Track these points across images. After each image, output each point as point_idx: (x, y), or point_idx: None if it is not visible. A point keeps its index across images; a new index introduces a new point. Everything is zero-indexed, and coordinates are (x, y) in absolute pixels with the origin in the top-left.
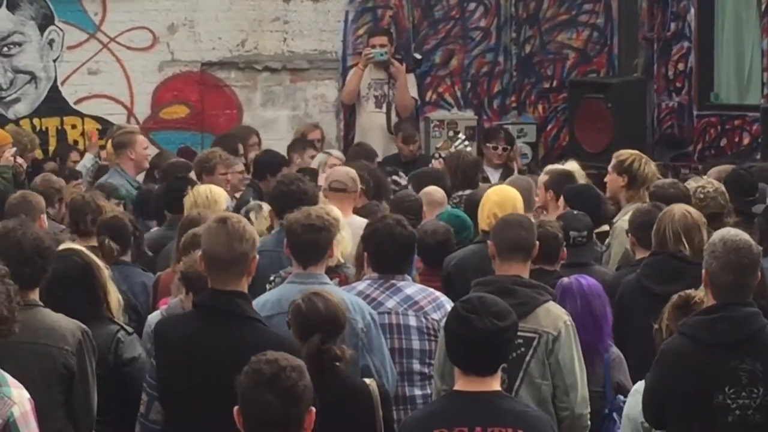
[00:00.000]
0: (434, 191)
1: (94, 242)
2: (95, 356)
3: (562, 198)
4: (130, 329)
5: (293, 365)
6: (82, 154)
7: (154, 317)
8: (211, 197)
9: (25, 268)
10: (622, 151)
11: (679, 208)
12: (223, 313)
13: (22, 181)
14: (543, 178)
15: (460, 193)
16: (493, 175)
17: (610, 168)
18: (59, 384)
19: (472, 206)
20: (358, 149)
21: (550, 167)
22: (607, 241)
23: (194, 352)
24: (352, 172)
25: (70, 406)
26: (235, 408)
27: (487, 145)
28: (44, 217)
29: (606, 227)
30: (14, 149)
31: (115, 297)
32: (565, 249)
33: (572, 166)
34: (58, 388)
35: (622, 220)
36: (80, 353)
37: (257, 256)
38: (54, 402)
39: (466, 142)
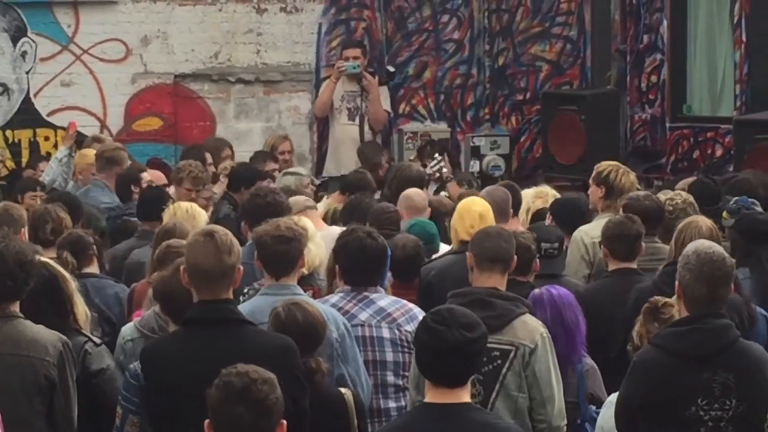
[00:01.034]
0: (415, 195)
1: (54, 253)
2: (76, 368)
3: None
4: (97, 340)
5: (264, 378)
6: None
7: (127, 329)
8: (190, 213)
9: (7, 280)
10: (602, 163)
11: (704, 221)
12: (218, 321)
13: None
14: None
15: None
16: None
17: (590, 179)
18: (40, 395)
19: (373, 221)
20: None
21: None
22: None
23: (193, 368)
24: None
25: (51, 417)
26: (206, 421)
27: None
28: (25, 230)
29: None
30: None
31: (82, 309)
32: (537, 260)
33: (544, 189)
34: (40, 400)
35: (579, 230)
36: (61, 365)
37: (242, 267)
38: (35, 413)
39: (442, 164)
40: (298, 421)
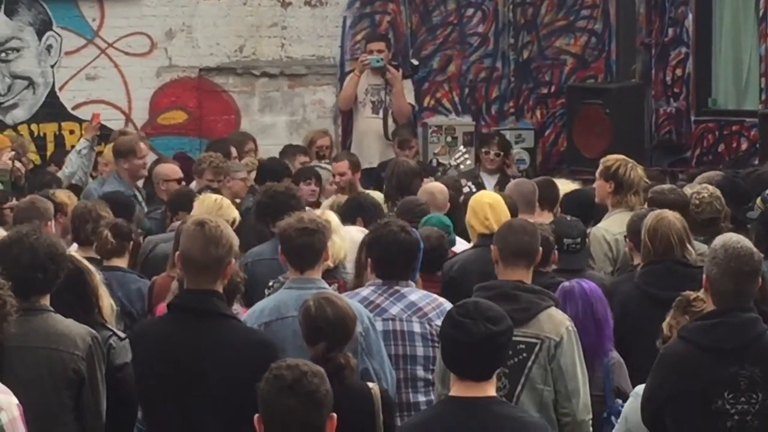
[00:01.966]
0: (436, 191)
1: (92, 253)
2: (104, 362)
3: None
4: (122, 335)
5: (314, 371)
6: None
7: None
8: (218, 203)
9: (38, 273)
10: (608, 157)
11: (673, 215)
12: (196, 311)
13: (22, 185)
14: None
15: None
16: (489, 181)
17: (597, 174)
18: (69, 389)
19: (404, 214)
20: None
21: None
22: None
23: (170, 351)
24: None
25: (80, 411)
26: (256, 416)
27: (482, 150)
28: (52, 223)
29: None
30: (12, 153)
31: (107, 302)
32: (556, 252)
33: (563, 183)
34: (68, 393)
35: (597, 227)
36: (90, 358)
37: (233, 261)
38: (63, 407)
39: (467, 155)
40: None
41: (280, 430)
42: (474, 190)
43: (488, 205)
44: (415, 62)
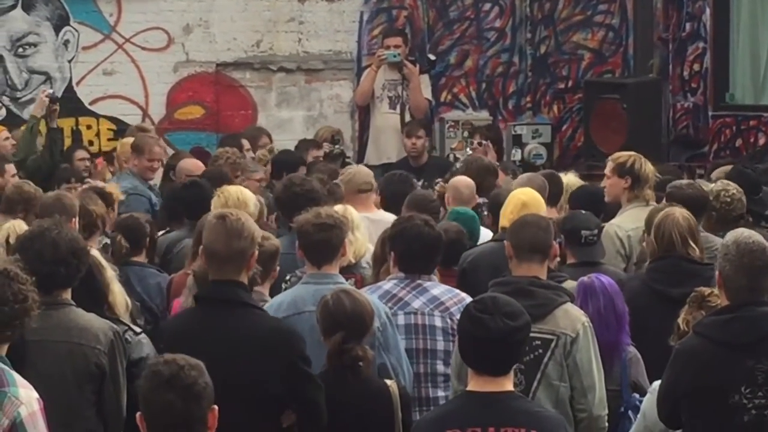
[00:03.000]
0: (464, 187)
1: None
2: (126, 356)
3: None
4: (137, 329)
5: (191, 364)
6: (89, 152)
7: None
8: (242, 199)
9: (60, 267)
10: (618, 154)
11: (680, 212)
12: (222, 301)
13: (58, 140)
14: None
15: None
16: None
17: (608, 172)
18: (91, 383)
19: (414, 209)
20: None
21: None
22: None
23: (197, 342)
24: (368, 169)
25: (101, 405)
26: (138, 414)
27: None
28: (76, 219)
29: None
30: (51, 90)
31: (121, 298)
32: (558, 244)
33: (569, 178)
34: (90, 388)
35: (610, 224)
36: (112, 353)
37: (256, 252)
38: (86, 401)
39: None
40: (307, 414)
41: (161, 426)
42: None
43: (522, 203)
44: (432, 57)
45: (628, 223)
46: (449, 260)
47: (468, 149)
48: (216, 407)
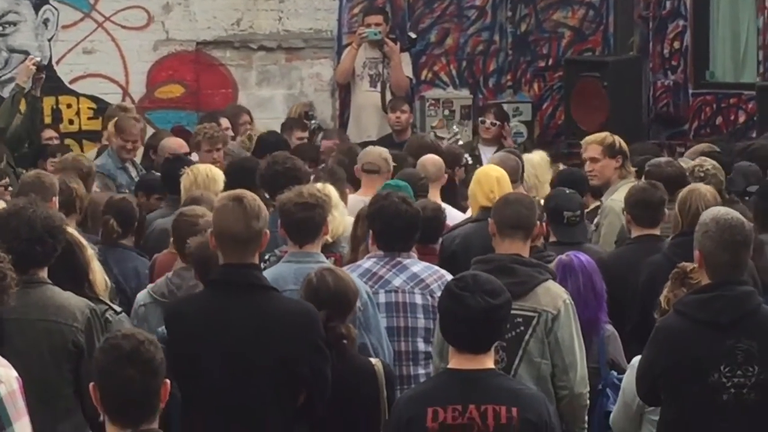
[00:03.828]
0: (430, 164)
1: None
2: (103, 334)
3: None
4: (118, 308)
5: (149, 339)
6: (57, 131)
7: (141, 295)
8: (210, 176)
9: (36, 246)
10: (599, 136)
11: (705, 188)
12: (242, 285)
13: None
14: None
15: None
16: (486, 153)
17: (596, 155)
18: (68, 362)
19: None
20: None
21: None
22: (595, 220)
23: (215, 326)
24: (385, 152)
25: (79, 383)
26: (91, 384)
27: (479, 119)
28: (56, 199)
29: (597, 203)
30: (38, 59)
31: (100, 277)
32: (543, 224)
33: (539, 155)
34: (68, 366)
35: (612, 200)
36: (89, 331)
37: (268, 232)
38: (63, 379)
39: (458, 136)
40: (318, 389)
41: (116, 399)
42: (470, 162)
43: (495, 180)
44: (413, 35)
45: None
46: (427, 237)
47: (454, 137)
48: (168, 381)
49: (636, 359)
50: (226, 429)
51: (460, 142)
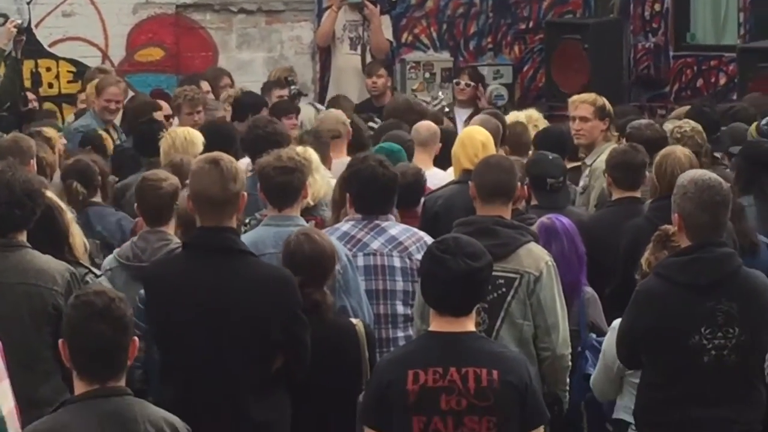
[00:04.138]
0: (424, 129)
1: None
2: None
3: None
4: (98, 272)
5: (120, 296)
6: (37, 95)
7: (107, 259)
8: (189, 139)
9: (14, 209)
10: (589, 97)
11: (681, 151)
12: (218, 248)
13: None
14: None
15: None
16: (461, 114)
17: (587, 114)
18: (48, 325)
19: None
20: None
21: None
22: (582, 183)
23: (191, 289)
24: (342, 115)
25: (58, 347)
26: (61, 341)
27: (453, 81)
28: (34, 161)
29: (576, 164)
30: (19, 21)
31: (79, 240)
32: (528, 187)
33: (531, 113)
34: (48, 330)
35: (600, 161)
36: (69, 294)
37: (245, 194)
38: (43, 343)
39: (444, 102)
40: (296, 355)
41: (87, 354)
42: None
43: (481, 143)
44: None
45: None
46: (409, 201)
47: (439, 102)
48: (136, 339)
49: (616, 322)
50: (203, 393)
51: (445, 108)
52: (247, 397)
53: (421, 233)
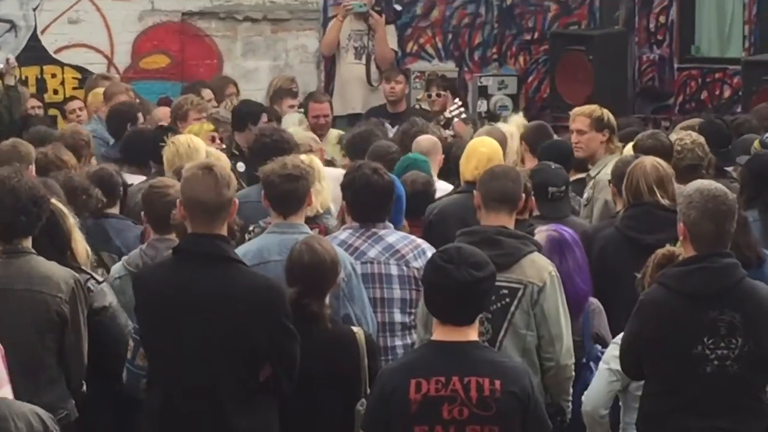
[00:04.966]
0: (423, 141)
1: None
2: (87, 305)
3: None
4: (99, 278)
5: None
6: (42, 101)
7: (116, 267)
8: (192, 146)
9: (20, 216)
10: (588, 108)
11: (649, 161)
12: (207, 255)
13: (16, 98)
14: (514, 130)
15: None
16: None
17: (583, 127)
18: (52, 332)
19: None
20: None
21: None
22: (586, 195)
23: (178, 295)
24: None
25: (63, 354)
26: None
27: (425, 93)
28: (32, 167)
29: (581, 175)
30: (12, 57)
31: (82, 246)
32: (533, 198)
33: (518, 119)
34: (51, 336)
35: (604, 173)
36: (73, 301)
37: (237, 200)
38: (47, 349)
39: (461, 109)
40: (283, 366)
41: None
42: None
43: (486, 157)
44: (399, 7)
45: None
46: (417, 210)
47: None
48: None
49: (620, 336)
50: (186, 401)
51: (464, 115)
52: (231, 407)
53: (419, 241)
